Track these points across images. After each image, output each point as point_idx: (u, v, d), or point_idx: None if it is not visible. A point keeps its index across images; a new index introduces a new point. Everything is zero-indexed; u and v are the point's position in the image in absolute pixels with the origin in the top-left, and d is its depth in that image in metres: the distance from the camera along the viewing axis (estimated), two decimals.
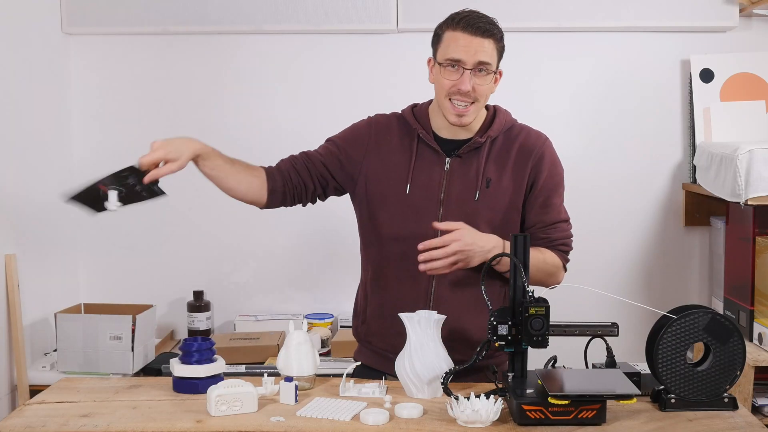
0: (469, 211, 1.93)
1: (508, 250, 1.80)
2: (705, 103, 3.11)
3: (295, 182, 2.05)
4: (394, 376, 1.84)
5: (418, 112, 2.03)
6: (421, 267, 1.84)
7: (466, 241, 1.83)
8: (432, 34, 1.97)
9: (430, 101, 2.05)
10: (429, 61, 1.99)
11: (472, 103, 1.91)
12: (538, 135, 2.04)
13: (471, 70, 1.88)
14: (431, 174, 1.97)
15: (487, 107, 2.03)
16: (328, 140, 2.11)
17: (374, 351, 2.04)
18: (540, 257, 1.95)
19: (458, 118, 1.92)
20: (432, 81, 1.98)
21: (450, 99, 1.91)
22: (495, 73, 1.93)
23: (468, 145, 1.97)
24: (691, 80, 3.15)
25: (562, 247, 2.01)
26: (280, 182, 2.04)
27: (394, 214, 1.98)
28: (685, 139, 3.22)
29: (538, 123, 2.01)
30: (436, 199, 1.96)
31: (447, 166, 1.97)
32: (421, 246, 1.83)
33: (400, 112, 2.08)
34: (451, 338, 1.87)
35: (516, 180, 1.98)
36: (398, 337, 1.88)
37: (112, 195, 1.86)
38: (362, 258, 2.10)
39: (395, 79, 3.16)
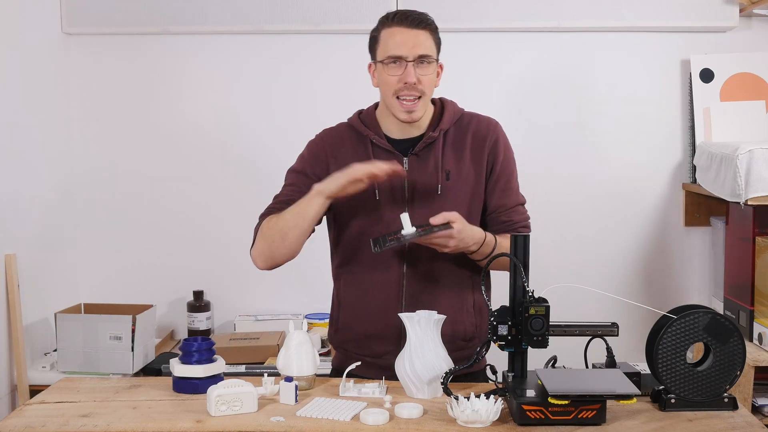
0: (435, 206, 1.95)
1: (488, 241, 1.88)
2: (705, 103, 3.11)
3: None
4: (375, 379, 1.87)
5: (365, 118, 2.05)
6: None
7: (460, 237, 1.85)
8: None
9: (376, 105, 2.07)
10: (369, 66, 2.01)
11: (419, 97, 1.93)
12: (488, 120, 2.07)
13: (413, 62, 1.90)
14: (392, 176, 1.97)
15: (433, 101, 2.05)
16: (293, 172, 2.08)
17: (351, 357, 2.01)
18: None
19: (408, 114, 1.94)
20: (376, 85, 2.00)
21: (398, 97, 1.93)
22: (436, 63, 1.96)
23: (423, 141, 1.99)
24: (691, 80, 3.15)
25: (522, 229, 2.03)
26: None
27: (365, 220, 1.99)
28: (685, 139, 3.22)
29: (538, 123, 2.01)
30: (402, 199, 1.98)
31: (405, 165, 1.98)
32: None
33: (346, 121, 2.09)
34: None
35: (475, 168, 2.00)
36: (372, 341, 1.91)
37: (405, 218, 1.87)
38: (333, 266, 2.11)
39: None
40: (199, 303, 3.17)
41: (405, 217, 1.84)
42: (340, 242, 2.05)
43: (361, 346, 2.01)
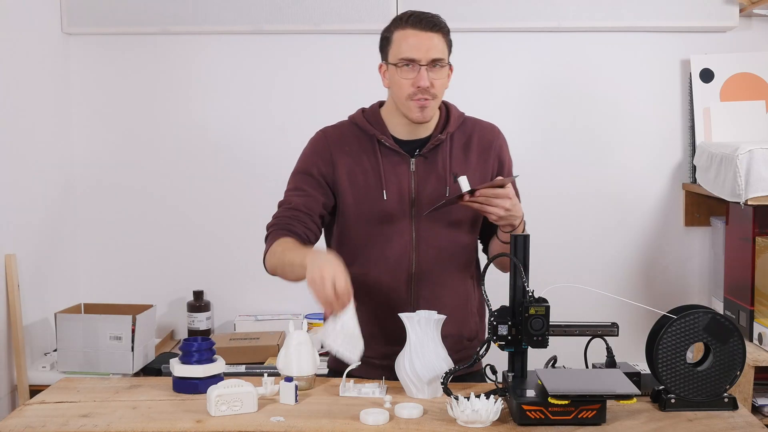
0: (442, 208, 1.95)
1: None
2: (705, 103, 3.11)
3: (312, 240, 2.00)
4: (376, 379, 1.87)
5: (370, 117, 2.03)
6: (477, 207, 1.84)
7: (513, 203, 1.84)
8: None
9: (380, 103, 2.07)
10: (380, 67, 2.00)
11: (432, 99, 1.93)
12: (491, 126, 2.09)
13: (426, 66, 1.90)
14: (399, 176, 1.98)
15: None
16: (297, 174, 2.03)
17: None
18: None
19: (421, 112, 1.93)
20: (387, 85, 1.99)
21: (411, 99, 1.92)
22: (448, 66, 1.96)
23: (431, 142, 1.99)
24: (691, 80, 3.15)
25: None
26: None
27: (371, 220, 1.98)
28: (685, 139, 3.22)
29: (537, 122, 2.02)
30: (409, 199, 1.97)
31: (412, 166, 1.98)
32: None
33: (348, 119, 2.07)
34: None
35: (481, 171, 2.01)
36: (375, 341, 1.91)
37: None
38: None
39: None
40: (199, 303, 3.17)
41: (463, 180, 1.84)
42: (345, 242, 2.03)
43: (366, 345, 2.00)
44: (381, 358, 1.95)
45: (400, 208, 1.97)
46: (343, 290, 1.69)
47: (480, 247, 2.13)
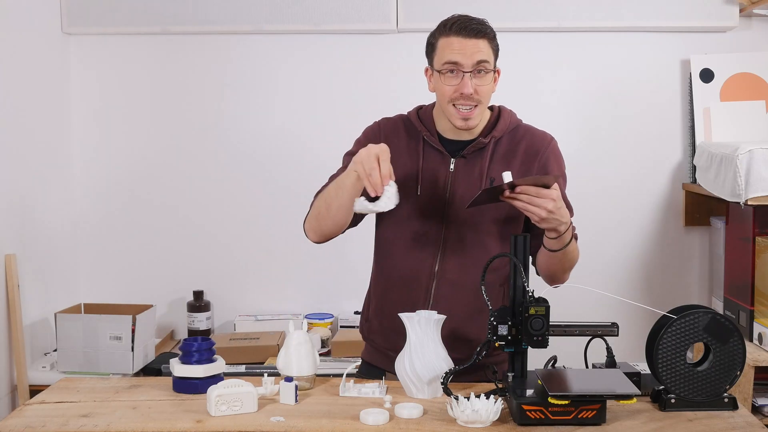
0: (473, 210, 1.94)
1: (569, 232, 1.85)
2: (705, 103, 3.11)
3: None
4: (395, 374, 1.85)
5: (423, 115, 2.04)
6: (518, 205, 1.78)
7: (557, 205, 1.78)
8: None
9: (434, 103, 2.05)
10: (426, 71, 1.99)
11: (476, 105, 1.91)
12: (543, 136, 2.04)
13: (470, 72, 1.88)
14: (437, 175, 1.98)
15: (491, 107, 2.03)
16: (349, 155, 2.05)
17: (377, 349, 2.07)
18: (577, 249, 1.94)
19: (464, 122, 1.92)
20: (432, 90, 1.98)
21: (454, 104, 1.91)
22: (494, 72, 1.94)
23: (472, 145, 1.97)
24: (691, 80, 3.15)
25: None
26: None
27: (403, 214, 1.97)
28: (685, 139, 3.22)
29: (538, 123, 2.01)
30: (442, 199, 1.97)
31: (452, 166, 1.98)
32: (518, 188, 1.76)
33: (405, 114, 2.08)
34: (450, 338, 1.88)
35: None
36: (397, 336, 1.88)
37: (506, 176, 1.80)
38: (373, 257, 2.11)
39: (395, 79, 3.16)
40: (199, 303, 3.17)
41: (507, 175, 1.78)
42: (378, 234, 2.06)
43: (386, 339, 2.01)
44: (398, 351, 1.90)
45: (432, 205, 1.97)
46: (386, 169, 1.78)
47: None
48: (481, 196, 1.78)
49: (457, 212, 1.96)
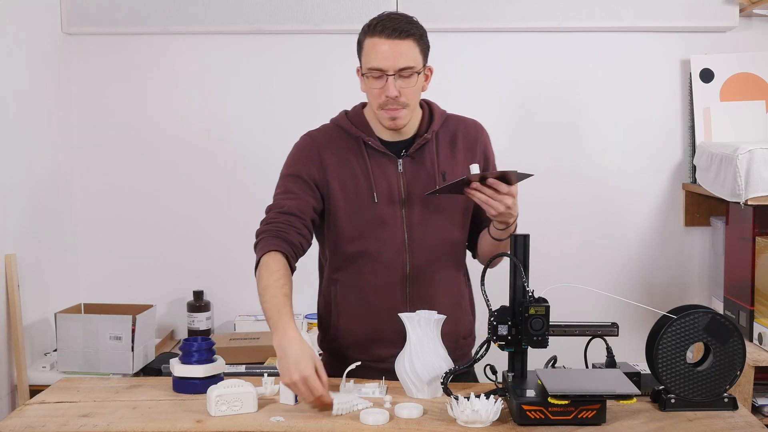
0: (432, 207, 1.95)
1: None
2: (705, 103, 3.11)
3: (305, 247, 1.97)
4: (375, 378, 1.87)
5: (354, 119, 2.02)
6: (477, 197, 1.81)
7: (515, 201, 1.82)
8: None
9: (362, 105, 2.05)
10: (358, 71, 1.97)
11: (402, 107, 1.90)
12: (474, 122, 2.08)
13: (393, 75, 1.87)
14: (388, 178, 1.97)
15: (421, 104, 2.03)
16: (286, 177, 2.01)
17: (350, 362, 1.89)
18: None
19: (392, 121, 1.92)
20: (364, 90, 1.97)
21: (381, 108, 1.91)
22: (422, 72, 1.92)
23: (417, 142, 1.98)
24: (691, 80, 3.15)
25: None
26: (296, 258, 1.95)
27: (361, 222, 1.96)
28: (685, 139, 3.22)
29: (537, 122, 2.02)
30: (398, 201, 1.96)
31: (400, 167, 1.97)
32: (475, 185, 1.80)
33: (332, 122, 2.05)
34: None
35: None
36: (377, 345, 1.91)
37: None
38: (327, 269, 2.05)
39: None
40: (199, 303, 3.17)
41: (475, 167, 1.82)
42: (338, 246, 2.00)
43: (363, 350, 1.98)
44: (379, 362, 1.95)
45: (391, 209, 1.96)
46: (320, 391, 1.66)
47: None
48: (445, 188, 1.82)
49: (416, 210, 1.96)
